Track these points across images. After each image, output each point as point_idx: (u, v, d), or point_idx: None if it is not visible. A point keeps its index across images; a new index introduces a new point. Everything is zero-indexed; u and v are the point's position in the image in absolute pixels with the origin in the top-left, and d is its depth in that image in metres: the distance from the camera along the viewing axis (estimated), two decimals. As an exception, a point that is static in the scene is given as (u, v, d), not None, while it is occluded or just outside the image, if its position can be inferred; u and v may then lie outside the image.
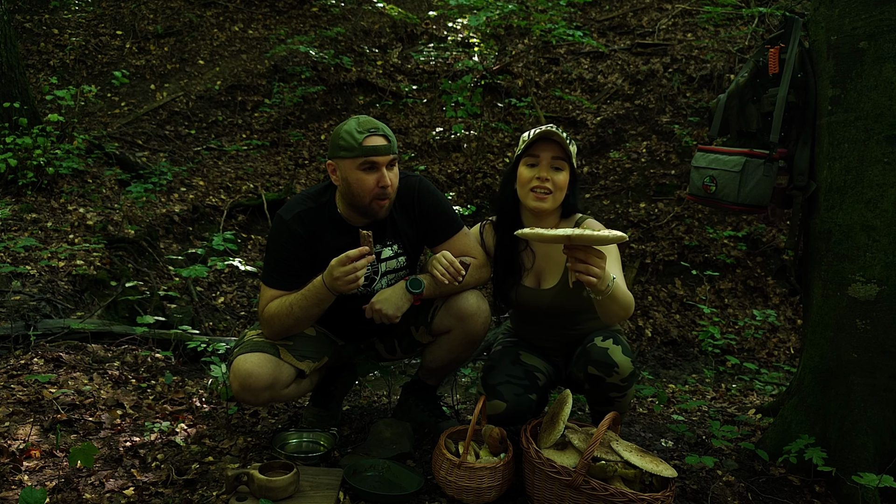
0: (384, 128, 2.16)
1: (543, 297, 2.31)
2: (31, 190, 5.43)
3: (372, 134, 2.11)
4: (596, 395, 2.23)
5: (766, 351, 5.37)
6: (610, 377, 2.12)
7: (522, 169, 2.23)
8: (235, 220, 6.25)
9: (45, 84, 6.63)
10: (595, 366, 2.13)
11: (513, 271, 2.35)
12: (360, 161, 2.10)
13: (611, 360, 2.11)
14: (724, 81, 7.02)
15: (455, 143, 7.48)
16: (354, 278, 2.01)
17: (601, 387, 2.17)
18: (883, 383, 2.25)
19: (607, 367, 2.11)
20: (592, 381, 2.18)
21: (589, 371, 2.15)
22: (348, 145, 2.11)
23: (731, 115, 2.66)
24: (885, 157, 2.21)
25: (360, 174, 2.12)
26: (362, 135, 2.10)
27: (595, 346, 2.15)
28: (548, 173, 2.20)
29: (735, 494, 2.24)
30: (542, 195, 2.21)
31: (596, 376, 2.15)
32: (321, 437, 2.38)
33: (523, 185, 2.24)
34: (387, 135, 2.15)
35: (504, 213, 2.36)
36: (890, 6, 2.19)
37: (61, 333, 3.48)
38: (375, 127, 2.13)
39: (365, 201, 2.15)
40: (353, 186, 2.14)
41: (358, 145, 2.09)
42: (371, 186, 2.12)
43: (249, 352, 2.12)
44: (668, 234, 6.21)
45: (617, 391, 2.17)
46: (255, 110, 7.98)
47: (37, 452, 2.25)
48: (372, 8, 9.11)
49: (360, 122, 2.14)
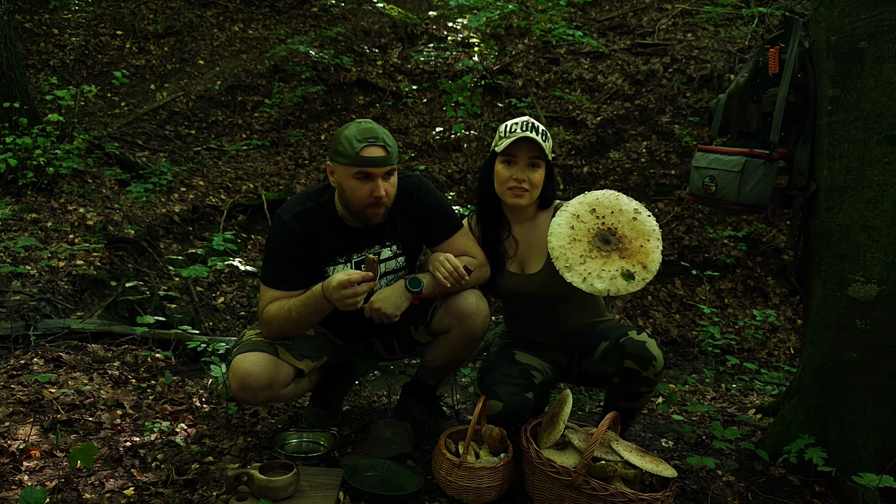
0: (385, 136, 2.13)
1: (529, 283, 2.33)
2: (31, 190, 5.43)
3: (370, 144, 2.09)
4: (624, 390, 2.22)
5: (766, 351, 5.37)
6: (646, 371, 2.14)
7: (500, 167, 2.28)
8: (235, 220, 6.25)
9: (45, 84, 6.63)
10: (633, 359, 2.14)
11: (497, 259, 2.38)
12: (354, 170, 2.10)
13: (649, 353, 2.13)
14: (724, 81, 7.01)
15: (455, 143, 7.48)
16: (354, 302, 2.02)
17: (634, 381, 2.17)
18: (883, 383, 2.25)
19: (645, 361, 2.13)
20: (626, 374, 2.18)
21: (625, 365, 2.16)
22: (346, 153, 2.09)
23: (731, 115, 2.66)
24: (885, 157, 2.21)
25: (355, 182, 2.11)
26: (360, 144, 2.08)
27: (632, 339, 2.16)
28: (524, 173, 2.25)
29: (735, 494, 2.24)
30: (519, 193, 2.26)
31: (632, 370, 2.15)
32: (321, 437, 2.38)
33: (501, 184, 2.29)
34: (386, 145, 2.11)
35: (484, 206, 2.41)
36: (890, 6, 2.19)
37: (61, 333, 3.48)
38: (375, 136, 2.10)
39: (358, 208, 2.16)
40: (347, 193, 2.14)
41: (354, 154, 2.08)
42: (364, 196, 2.12)
43: (248, 351, 2.12)
44: (668, 234, 6.20)
45: (648, 386, 2.18)
46: (255, 110, 7.98)
47: (37, 452, 2.25)
48: (372, 8, 9.11)
49: (360, 129, 2.11)
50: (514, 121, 2.28)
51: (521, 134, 2.21)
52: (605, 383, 2.34)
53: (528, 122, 2.26)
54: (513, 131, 2.25)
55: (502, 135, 2.28)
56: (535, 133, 2.22)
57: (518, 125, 2.26)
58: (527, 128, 2.23)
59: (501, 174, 2.27)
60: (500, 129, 2.31)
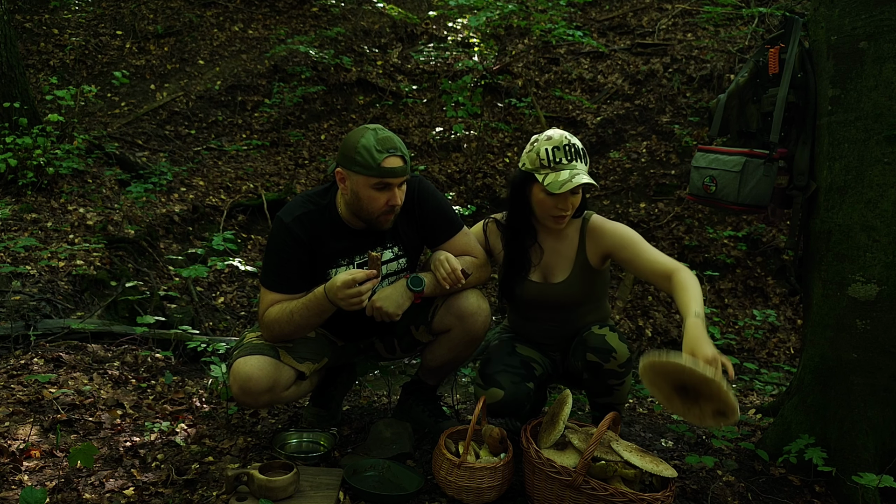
0: (402, 146, 2.11)
1: (552, 292, 2.32)
2: (31, 190, 5.43)
3: (391, 154, 2.06)
4: (595, 384, 2.26)
5: (766, 351, 5.37)
6: (608, 363, 2.16)
7: (542, 195, 2.19)
8: (235, 220, 6.25)
9: (45, 84, 6.63)
10: (594, 352, 2.17)
11: (520, 268, 2.36)
12: (375, 181, 2.07)
13: (608, 345, 2.16)
14: (724, 81, 7.01)
15: (455, 143, 7.48)
16: (358, 301, 2.01)
17: (600, 374, 2.20)
18: (883, 383, 2.25)
19: (605, 353, 2.16)
20: (591, 368, 2.21)
21: (588, 358, 2.19)
22: (365, 163, 2.05)
23: (731, 115, 2.66)
24: (885, 157, 2.21)
25: (373, 192, 2.09)
26: (382, 154, 2.04)
27: (592, 333, 2.20)
28: (568, 202, 2.19)
29: (735, 494, 2.24)
30: (562, 220, 2.22)
31: (594, 363, 2.18)
32: (321, 437, 2.38)
33: (543, 210, 2.22)
34: (404, 154, 2.10)
35: (516, 216, 2.34)
36: (890, 6, 2.19)
37: (61, 333, 3.48)
38: (395, 147, 2.07)
39: (372, 217, 2.15)
40: (364, 202, 2.12)
41: (376, 166, 2.04)
42: (381, 205, 2.11)
43: (249, 354, 2.11)
44: (668, 234, 6.20)
45: (615, 378, 2.20)
46: (255, 110, 7.98)
47: (37, 452, 2.25)
48: (372, 8, 9.11)
49: (378, 138, 2.07)
50: (558, 145, 2.15)
51: (579, 182, 2.10)
52: (580, 380, 2.37)
53: (574, 149, 2.16)
54: (559, 161, 2.13)
55: (545, 162, 2.15)
56: (585, 168, 2.14)
57: (563, 153, 2.14)
58: (578, 162, 2.14)
59: (545, 202, 2.19)
60: (539, 150, 2.17)
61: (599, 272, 2.33)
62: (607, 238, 2.25)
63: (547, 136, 2.20)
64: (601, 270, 2.33)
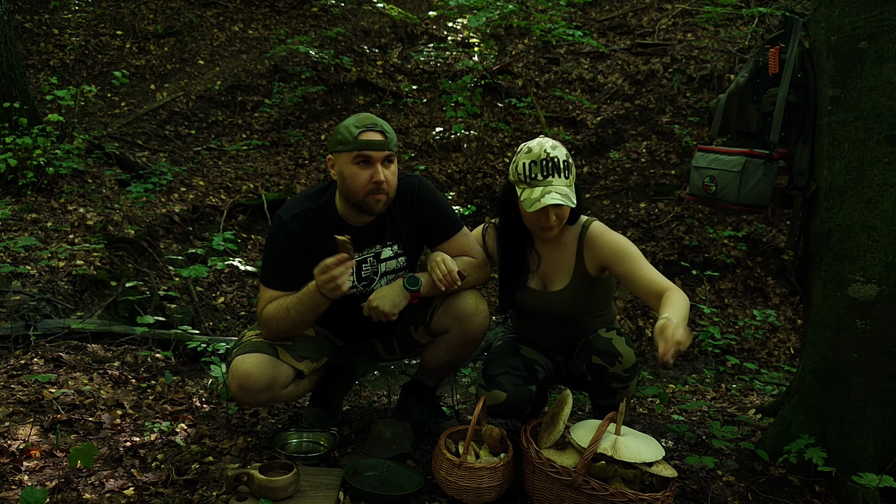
0: (383, 124, 2.16)
1: (550, 300, 2.31)
2: (31, 190, 5.43)
3: (368, 129, 2.12)
4: (599, 386, 2.24)
5: (766, 351, 5.37)
6: (613, 367, 2.15)
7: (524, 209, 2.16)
8: (235, 220, 6.25)
9: (45, 84, 6.63)
10: (599, 355, 2.16)
11: (518, 274, 2.35)
12: (354, 154, 2.11)
13: (615, 349, 2.14)
14: (724, 81, 7.02)
15: (455, 143, 7.48)
16: (335, 286, 2.00)
17: (604, 377, 2.18)
18: (883, 383, 2.25)
19: (611, 357, 2.14)
20: (595, 371, 2.19)
21: (593, 361, 2.18)
22: (344, 139, 2.12)
23: (731, 115, 2.66)
24: (885, 157, 2.21)
25: (355, 168, 2.12)
26: (358, 129, 2.12)
27: (599, 336, 2.19)
28: (551, 217, 2.16)
29: (735, 494, 2.24)
30: (549, 231, 2.21)
31: (599, 366, 2.17)
32: (321, 437, 2.38)
33: (528, 222, 2.21)
34: (384, 131, 2.15)
35: (507, 226, 2.34)
36: (890, 6, 2.19)
37: (61, 333, 3.48)
38: (374, 123, 2.14)
39: (359, 196, 2.15)
40: (348, 181, 2.14)
41: (353, 139, 2.11)
42: (364, 181, 2.12)
43: (248, 352, 2.12)
44: (668, 234, 6.20)
45: (620, 382, 2.18)
46: (255, 110, 7.98)
47: (37, 452, 2.25)
48: (372, 8, 9.11)
49: (359, 118, 2.16)
50: (535, 160, 2.11)
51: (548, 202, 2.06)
52: (583, 381, 2.35)
53: (552, 164, 2.10)
54: (534, 177, 2.09)
55: (522, 177, 2.12)
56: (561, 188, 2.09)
57: (539, 169, 2.10)
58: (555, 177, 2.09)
59: (528, 215, 2.17)
60: (518, 163, 2.14)
61: (600, 280, 2.30)
62: (605, 250, 2.21)
63: (528, 147, 2.16)
64: (602, 279, 2.31)
